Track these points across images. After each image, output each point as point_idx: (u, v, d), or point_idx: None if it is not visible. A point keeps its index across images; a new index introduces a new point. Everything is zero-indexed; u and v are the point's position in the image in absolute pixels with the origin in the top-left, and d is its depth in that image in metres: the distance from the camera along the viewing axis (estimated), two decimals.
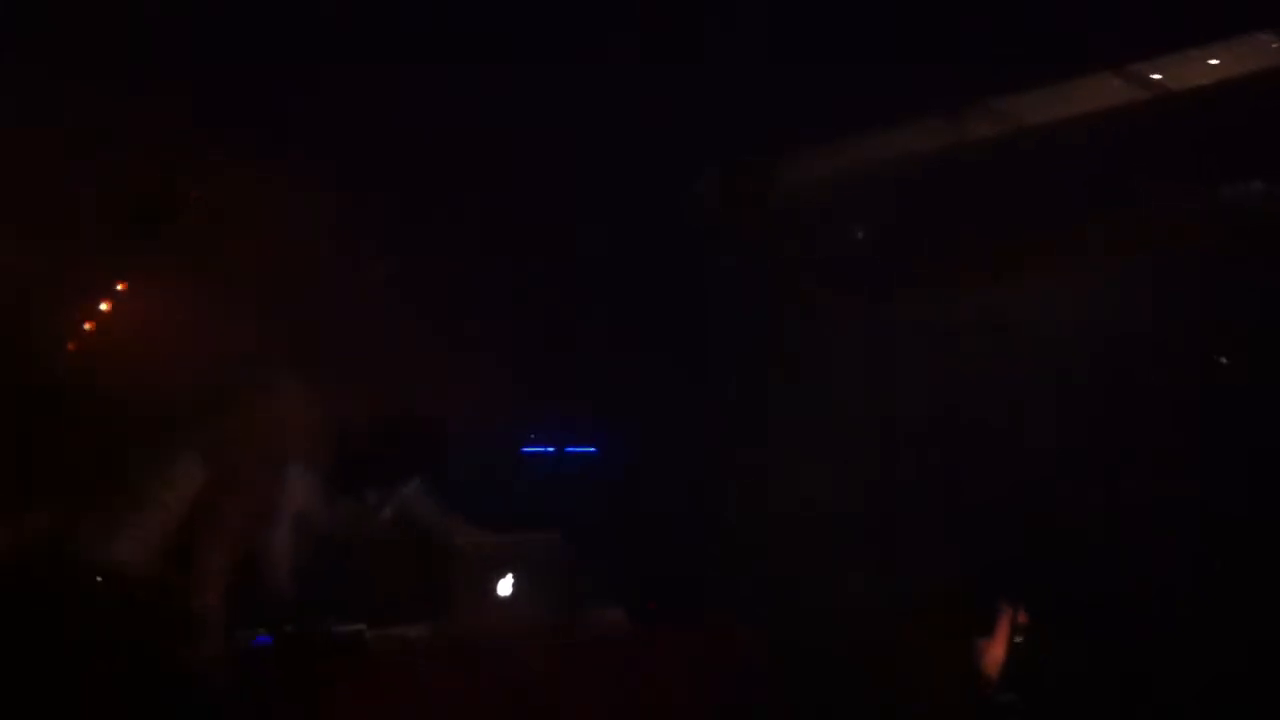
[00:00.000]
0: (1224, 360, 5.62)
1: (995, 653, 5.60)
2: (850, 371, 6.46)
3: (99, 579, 3.81)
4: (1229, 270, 5.57)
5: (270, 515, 3.98)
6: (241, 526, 3.93)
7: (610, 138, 5.84)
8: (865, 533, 6.22)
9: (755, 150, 6.43)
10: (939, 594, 5.65)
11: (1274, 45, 5.39)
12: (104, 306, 5.22)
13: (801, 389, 6.55)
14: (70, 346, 5.09)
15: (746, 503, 6.24)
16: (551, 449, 6.42)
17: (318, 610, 3.74)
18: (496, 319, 5.73)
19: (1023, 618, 5.65)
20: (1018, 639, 5.64)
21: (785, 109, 5.91)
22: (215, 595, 3.80)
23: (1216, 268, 5.60)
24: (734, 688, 4.02)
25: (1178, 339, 5.66)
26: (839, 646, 5.58)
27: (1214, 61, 5.57)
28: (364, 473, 4.18)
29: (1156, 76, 5.71)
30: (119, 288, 5.21)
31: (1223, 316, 5.59)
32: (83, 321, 5.18)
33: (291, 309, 4.98)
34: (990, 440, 6.07)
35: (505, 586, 3.67)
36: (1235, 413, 5.50)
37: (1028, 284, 5.94)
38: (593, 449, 6.51)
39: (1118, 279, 5.75)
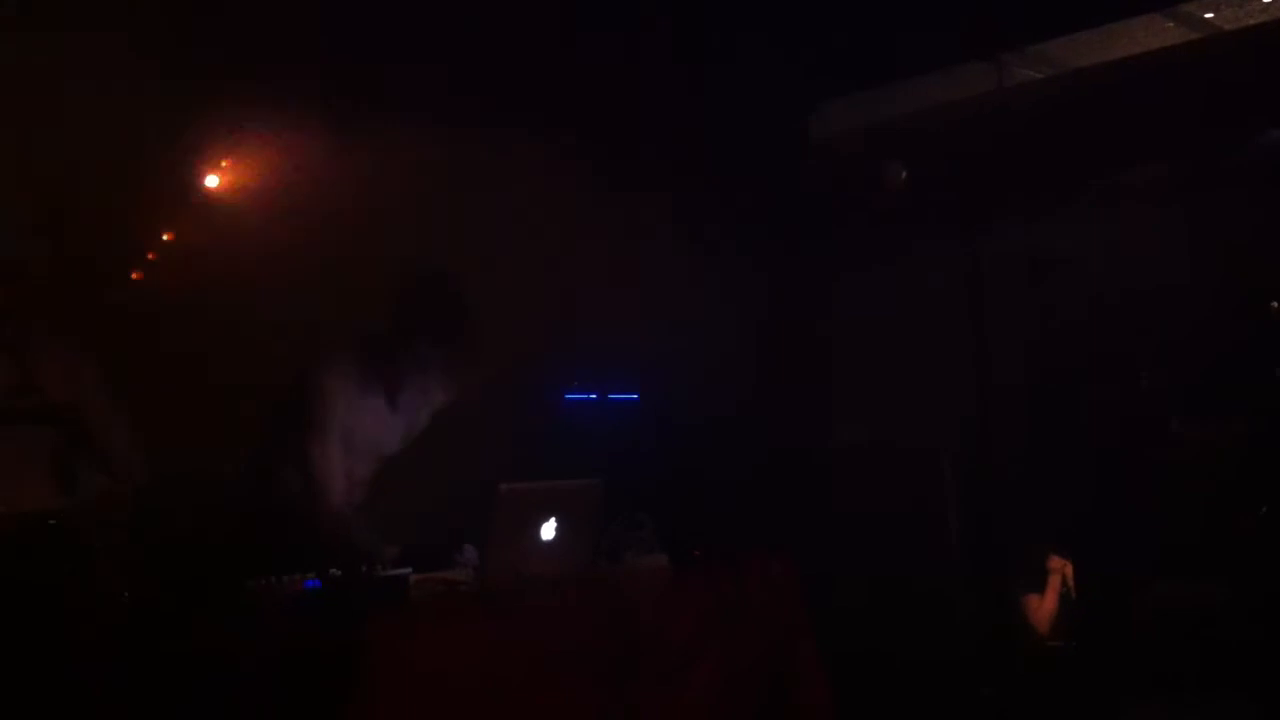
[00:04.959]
0: (1276, 304, 5.56)
1: (1047, 605, 5.60)
2: (887, 313, 6.45)
3: None
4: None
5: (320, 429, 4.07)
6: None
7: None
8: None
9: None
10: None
11: None
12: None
13: (840, 330, 6.55)
14: None
15: (787, 447, 6.26)
16: (594, 395, 6.43)
17: (363, 553, 3.77)
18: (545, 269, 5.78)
19: (1069, 570, 5.65)
20: (1068, 591, 5.65)
21: (827, 56, 5.87)
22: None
23: (1268, 209, 5.54)
24: (777, 625, 4.04)
25: (1229, 283, 5.60)
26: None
27: (1267, 0, 5.48)
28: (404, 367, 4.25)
29: (1208, 16, 5.62)
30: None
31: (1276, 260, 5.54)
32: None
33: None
34: (1037, 388, 6.04)
35: (548, 531, 3.69)
36: None
37: (1073, 227, 5.89)
38: (634, 396, 6.52)
39: (1167, 222, 5.70)
